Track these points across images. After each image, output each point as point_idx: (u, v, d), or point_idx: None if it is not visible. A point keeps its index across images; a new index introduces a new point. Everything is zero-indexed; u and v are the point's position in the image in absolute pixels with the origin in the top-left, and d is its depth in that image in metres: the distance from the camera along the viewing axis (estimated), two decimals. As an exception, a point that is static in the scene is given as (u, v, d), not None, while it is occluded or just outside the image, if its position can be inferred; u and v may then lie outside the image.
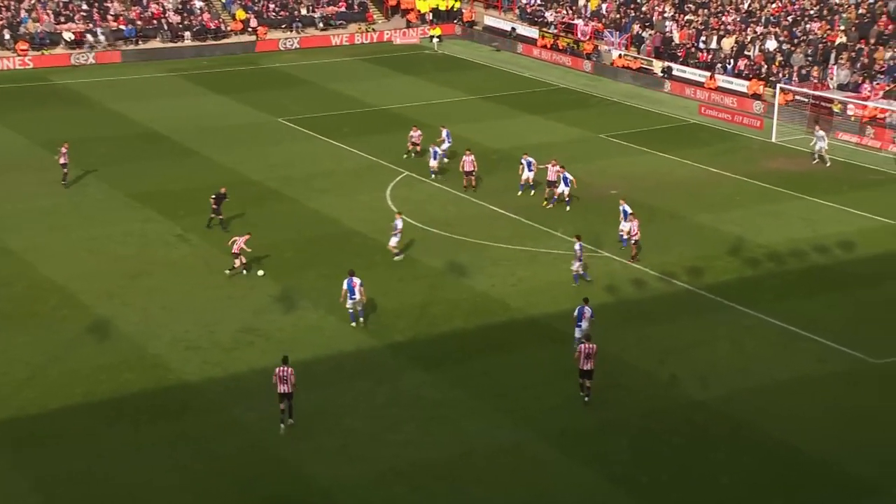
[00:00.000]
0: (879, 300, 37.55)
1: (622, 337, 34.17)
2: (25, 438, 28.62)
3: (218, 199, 42.63)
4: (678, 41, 71.09)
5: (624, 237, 40.74)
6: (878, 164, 53.22)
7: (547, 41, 77.39)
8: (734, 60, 66.19)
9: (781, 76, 62.50)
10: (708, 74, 66.07)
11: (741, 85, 64.12)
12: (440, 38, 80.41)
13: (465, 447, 28.33)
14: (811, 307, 36.71)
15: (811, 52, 63.67)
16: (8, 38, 73.63)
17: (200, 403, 30.47)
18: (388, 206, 45.76)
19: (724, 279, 39.02)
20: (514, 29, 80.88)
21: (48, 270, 39.20)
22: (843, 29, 64.35)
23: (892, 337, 34.72)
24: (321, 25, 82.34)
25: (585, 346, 30.19)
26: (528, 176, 46.92)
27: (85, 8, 77.84)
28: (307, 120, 60.05)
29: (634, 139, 56.77)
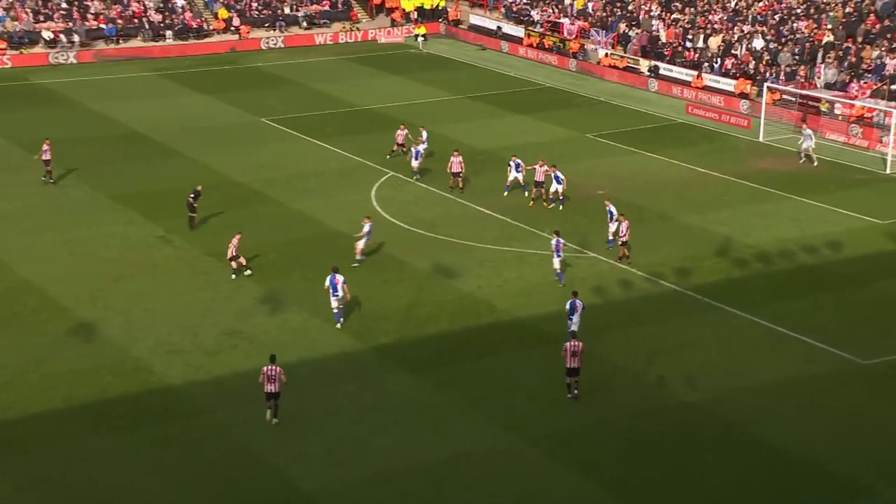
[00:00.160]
0: (867, 300, 37.44)
1: (610, 338, 33.95)
2: (4, 444, 28.27)
3: (196, 197, 42.26)
4: (665, 40, 70.90)
5: (611, 238, 40.48)
6: (865, 163, 53.11)
7: (533, 40, 77.14)
8: (721, 59, 66.04)
9: (768, 75, 62.37)
10: (695, 73, 65.90)
11: (728, 84, 63.95)
12: (425, 37, 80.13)
13: (452, 451, 28.10)
14: (799, 308, 36.57)
15: (798, 50, 63.55)
16: (-14, 36, 73.25)
17: (183, 407, 30.19)
18: (373, 207, 45.44)
19: (712, 280, 38.84)
20: (499, 28, 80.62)
21: (27, 272, 38.80)
22: (830, 28, 64.25)
23: (880, 337, 34.61)
24: (305, 24, 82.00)
25: (571, 343, 30.02)
26: (515, 177, 46.63)
27: (64, 6, 77.30)
28: (291, 120, 59.67)
29: (622, 139, 56.56)
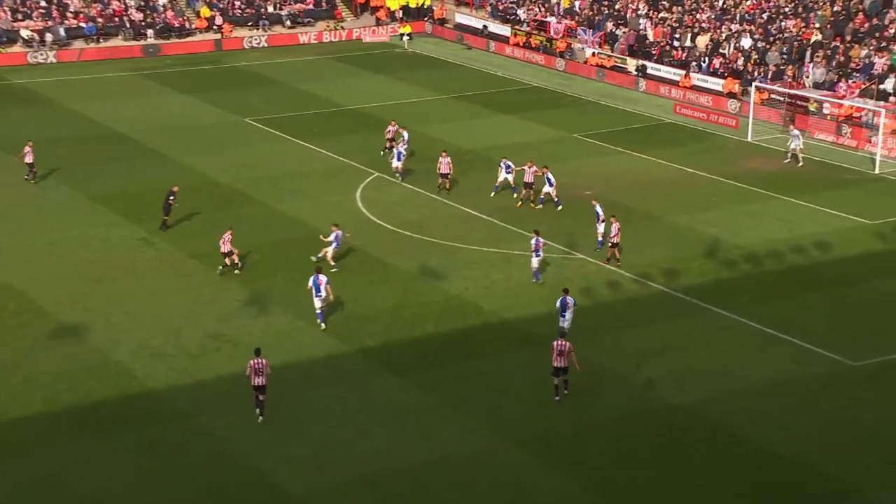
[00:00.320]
0: (856, 301, 37.27)
1: (597, 340, 33.70)
2: (-17, 448, 27.90)
3: (171, 197, 41.92)
4: (652, 39, 70.72)
5: (601, 239, 40.20)
6: (854, 163, 52.94)
7: (519, 39, 76.87)
8: (709, 58, 65.87)
9: (757, 74, 62.20)
10: (683, 73, 65.70)
11: (716, 83, 63.75)
12: (410, 36, 79.80)
13: (438, 453, 27.89)
14: (788, 309, 36.38)
15: (786, 49, 63.41)
16: (-37, 36, 72.60)
17: (166, 411, 29.87)
18: (358, 207, 45.14)
19: (700, 281, 38.61)
20: (485, 27, 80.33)
21: (7, 275, 38.40)
22: (818, 26, 64.09)
23: (869, 338, 34.44)
24: (288, 23, 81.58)
25: (558, 342, 29.79)
26: (505, 178, 46.32)
27: (44, 5, 76.68)
28: (275, 120, 59.28)
29: (609, 139, 56.32)
